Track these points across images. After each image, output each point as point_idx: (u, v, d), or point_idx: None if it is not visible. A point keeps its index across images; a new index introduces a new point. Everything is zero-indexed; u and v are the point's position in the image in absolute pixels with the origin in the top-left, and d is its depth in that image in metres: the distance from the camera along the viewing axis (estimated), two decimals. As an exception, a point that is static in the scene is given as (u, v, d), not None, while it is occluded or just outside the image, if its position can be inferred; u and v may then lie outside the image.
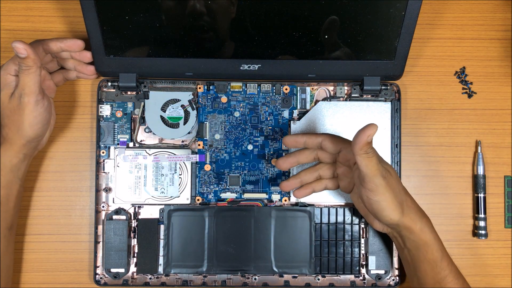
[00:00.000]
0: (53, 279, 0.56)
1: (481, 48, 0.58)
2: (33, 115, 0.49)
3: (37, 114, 0.49)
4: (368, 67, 0.53)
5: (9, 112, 0.49)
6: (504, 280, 0.57)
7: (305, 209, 0.54)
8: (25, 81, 0.47)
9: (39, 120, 0.49)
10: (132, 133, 0.55)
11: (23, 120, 0.48)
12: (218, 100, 0.55)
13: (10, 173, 0.50)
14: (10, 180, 0.50)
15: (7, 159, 0.49)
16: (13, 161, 0.50)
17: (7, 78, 0.49)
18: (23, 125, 0.49)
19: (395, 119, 0.56)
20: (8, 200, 0.50)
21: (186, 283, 0.54)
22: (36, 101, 0.48)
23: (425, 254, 0.48)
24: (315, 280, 0.55)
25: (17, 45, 0.46)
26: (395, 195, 0.46)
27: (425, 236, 0.48)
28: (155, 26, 0.49)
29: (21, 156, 0.50)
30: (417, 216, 0.48)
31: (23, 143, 0.49)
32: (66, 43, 0.50)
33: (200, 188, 0.55)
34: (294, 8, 0.48)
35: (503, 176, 0.57)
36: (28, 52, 0.46)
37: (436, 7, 0.58)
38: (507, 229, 0.57)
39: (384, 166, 0.46)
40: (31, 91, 0.48)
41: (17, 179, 0.51)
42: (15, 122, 0.49)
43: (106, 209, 0.55)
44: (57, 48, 0.50)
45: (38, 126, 0.49)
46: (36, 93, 0.48)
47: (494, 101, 0.58)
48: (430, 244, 0.48)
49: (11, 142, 0.49)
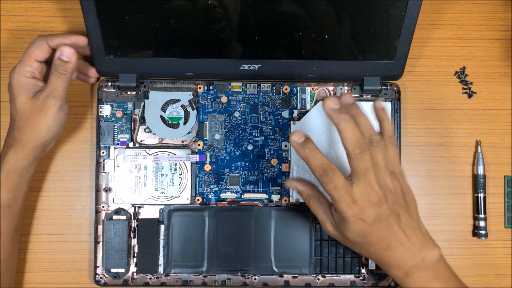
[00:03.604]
0: (53, 279, 0.56)
1: (481, 48, 0.58)
2: (54, 119, 0.49)
3: (58, 118, 0.49)
4: (368, 67, 0.53)
5: (28, 114, 0.49)
6: (504, 280, 0.57)
7: (305, 209, 0.54)
8: (57, 84, 0.48)
9: (58, 123, 0.50)
10: (132, 133, 0.55)
11: (43, 123, 0.49)
12: (218, 100, 0.55)
13: (20, 176, 0.50)
14: (19, 182, 0.50)
15: (18, 162, 0.49)
16: (23, 164, 0.50)
17: (25, 80, 0.49)
18: (42, 127, 0.49)
19: (395, 119, 0.56)
20: (16, 202, 0.50)
21: (186, 283, 0.54)
22: (61, 105, 0.49)
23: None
24: (315, 280, 0.55)
25: (66, 49, 0.47)
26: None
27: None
28: (155, 26, 0.49)
29: (31, 158, 0.50)
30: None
31: (36, 145, 0.49)
32: (70, 39, 0.51)
33: (200, 188, 0.55)
34: (294, 8, 0.48)
35: (503, 176, 0.57)
36: (73, 59, 0.48)
37: (436, 7, 0.58)
38: (507, 229, 0.57)
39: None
40: (59, 95, 0.49)
41: (26, 181, 0.51)
42: (33, 125, 0.49)
43: (106, 209, 0.55)
44: (62, 43, 0.50)
45: (55, 129, 0.50)
46: (63, 98, 0.49)
47: (494, 101, 0.58)
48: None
49: (24, 144, 0.49)
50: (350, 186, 0.43)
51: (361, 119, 0.44)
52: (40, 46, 0.49)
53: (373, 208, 0.43)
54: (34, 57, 0.49)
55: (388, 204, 0.43)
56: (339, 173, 0.43)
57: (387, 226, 0.43)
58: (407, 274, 0.44)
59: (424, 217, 0.45)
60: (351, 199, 0.43)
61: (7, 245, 0.50)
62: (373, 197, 0.43)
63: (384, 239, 0.43)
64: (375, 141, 0.44)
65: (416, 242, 0.44)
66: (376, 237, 0.43)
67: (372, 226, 0.43)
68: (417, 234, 0.44)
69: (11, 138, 0.50)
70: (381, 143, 0.44)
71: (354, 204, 0.43)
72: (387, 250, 0.44)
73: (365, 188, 0.43)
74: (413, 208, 0.45)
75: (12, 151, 0.49)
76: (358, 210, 0.43)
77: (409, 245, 0.44)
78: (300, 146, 0.44)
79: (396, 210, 0.44)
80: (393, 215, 0.43)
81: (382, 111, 0.47)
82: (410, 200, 0.45)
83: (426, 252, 0.44)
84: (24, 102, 0.49)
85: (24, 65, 0.49)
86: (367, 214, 0.43)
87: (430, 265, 0.44)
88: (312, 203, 0.47)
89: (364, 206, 0.43)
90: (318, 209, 0.47)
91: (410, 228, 0.44)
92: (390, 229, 0.43)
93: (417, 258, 0.44)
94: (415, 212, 0.46)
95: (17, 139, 0.49)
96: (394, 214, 0.43)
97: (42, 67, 0.50)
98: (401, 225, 0.44)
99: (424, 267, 0.44)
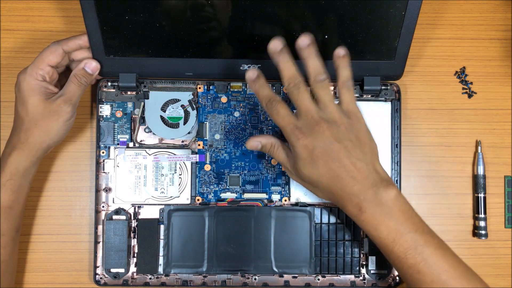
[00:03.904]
0: (53, 279, 0.56)
1: (481, 48, 0.58)
2: (65, 123, 0.50)
3: (68, 123, 0.51)
4: (368, 67, 0.53)
5: (40, 117, 0.49)
6: (504, 280, 0.57)
7: (305, 209, 0.54)
8: (75, 91, 0.50)
9: (66, 128, 0.51)
10: (132, 133, 0.55)
11: (54, 126, 0.49)
12: (218, 100, 0.55)
13: (22, 177, 0.50)
14: (21, 184, 0.50)
15: (21, 164, 0.50)
16: (26, 165, 0.50)
17: (37, 83, 0.49)
18: (52, 130, 0.50)
19: (395, 119, 0.56)
20: (18, 204, 0.50)
21: (186, 283, 0.54)
22: (73, 112, 0.51)
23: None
24: (315, 280, 0.55)
25: (93, 63, 0.51)
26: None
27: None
28: (155, 26, 0.49)
29: (34, 160, 0.50)
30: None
31: (43, 147, 0.50)
32: (83, 39, 0.51)
33: (200, 188, 0.55)
34: (294, 8, 0.48)
35: (503, 176, 0.57)
36: (97, 73, 0.51)
37: (436, 7, 0.58)
38: (507, 229, 0.57)
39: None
40: (75, 102, 0.51)
41: (27, 182, 0.51)
42: (42, 127, 0.49)
43: (106, 209, 0.55)
44: (76, 45, 0.51)
45: (63, 133, 0.51)
46: (76, 105, 0.51)
47: (494, 101, 0.58)
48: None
49: (30, 147, 0.49)
50: (295, 116, 0.46)
51: (310, 61, 0.46)
52: (55, 51, 0.50)
53: (315, 135, 0.44)
54: (47, 61, 0.50)
55: (331, 133, 0.44)
56: (284, 104, 0.46)
57: (334, 157, 0.44)
58: (360, 210, 0.44)
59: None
60: (294, 125, 0.45)
61: (8, 246, 0.50)
62: (313, 124, 0.44)
63: (333, 170, 0.44)
64: (319, 80, 0.45)
65: (368, 176, 0.44)
66: (324, 167, 0.44)
67: (318, 153, 0.44)
68: (369, 169, 0.45)
69: (15, 139, 0.50)
70: (325, 82, 0.46)
71: (297, 129, 0.45)
72: (336, 180, 0.44)
73: (306, 117, 0.45)
74: (368, 148, 0.46)
75: (16, 153, 0.49)
76: (301, 135, 0.44)
77: (360, 178, 0.44)
78: (253, 82, 0.47)
79: (342, 142, 0.44)
80: (339, 145, 0.44)
81: (340, 58, 0.47)
82: (364, 140, 0.46)
83: (379, 188, 0.44)
84: (37, 105, 0.49)
85: (37, 68, 0.49)
86: (310, 140, 0.44)
87: (384, 201, 0.44)
88: (275, 151, 0.49)
89: (307, 132, 0.44)
90: (281, 154, 0.48)
91: (361, 162, 0.44)
92: (338, 160, 0.44)
93: (369, 193, 0.44)
94: (370, 153, 0.46)
95: (22, 141, 0.49)
96: (341, 145, 0.44)
97: (53, 71, 0.51)
98: (351, 158, 0.44)
99: (377, 202, 0.44)
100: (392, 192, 0.44)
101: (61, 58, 0.50)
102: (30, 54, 0.57)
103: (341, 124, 0.45)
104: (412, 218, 0.45)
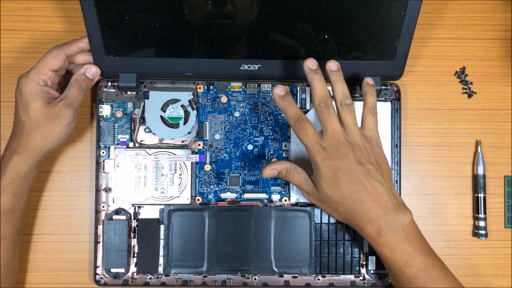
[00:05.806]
0: (53, 279, 0.56)
1: (481, 48, 0.58)
2: (66, 127, 0.50)
3: (69, 127, 0.51)
4: (368, 67, 0.53)
5: (42, 121, 0.49)
6: (504, 280, 0.57)
7: (305, 209, 0.55)
8: (76, 96, 0.50)
9: (67, 132, 0.51)
10: (132, 133, 0.55)
11: (55, 130, 0.50)
12: (218, 100, 0.55)
13: (23, 181, 0.50)
14: (21, 188, 0.50)
15: (21, 168, 0.50)
16: (26, 169, 0.50)
17: (39, 88, 0.49)
18: (53, 134, 0.50)
19: (395, 119, 0.56)
20: (19, 207, 0.51)
21: (186, 283, 0.54)
22: (74, 116, 0.51)
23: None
24: (315, 280, 0.55)
25: (94, 69, 0.51)
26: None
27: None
28: (155, 26, 0.50)
29: (34, 163, 0.50)
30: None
31: (43, 151, 0.50)
32: (85, 41, 0.51)
33: (200, 188, 0.55)
34: (294, 8, 0.48)
35: (503, 176, 0.57)
36: (97, 78, 0.52)
37: (436, 7, 0.58)
38: (507, 229, 0.57)
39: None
40: (76, 106, 0.51)
41: (28, 185, 0.51)
42: (44, 131, 0.49)
43: (106, 209, 0.55)
44: (78, 49, 0.51)
45: (64, 137, 0.51)
46: (77, 109, 0.51)
47: (494, 101, 0.58)
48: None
49: (31, 151, 0.49)
50: (320, 136, 0.47)
51: (338, 85, 0.48)
52: (57, 56, 0.50)
53: (340, 157, 0.46)
54: (50, 66, 0.50)
55: (355, 156, 0.46)
56: (310, 123, 0.47)
57: (357, 180, 0.46)
58: (379, 233, 0.46)
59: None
60: (320, 145, 0.46)
61: (10, 249, 0.50)
62: (339, 146, 0.46)
63: (355, 192, 0.46)
64: (345, 103, 0.47)
65: (387, 201, 0.46)
66: (347, 188, 0.46)
67: (342, 174, 0.46)
68: (389, 194, 0.47)
69: (15, 143, 0.50)
70: (351, 107, 0.47)
71: (323, 150, 0.46)
72: (358, 203, 0.46)
73: (332, 138, 0.46)
74: (386, 173, 0.48)
75: (17, 157, 0.49)
76: (326, 155, 0.46)
77: (380, 202, 0.46)
78: (281, 98, 0.47)
79: (365, 165, 0.46)
80: (362, 168, 0.46)
81: (368, 86, 0.50)
82: (383, 165, 0.48)
83: (398, 213, 0.46)
84: (39, 109, 0.49)
85: (39, 73, 0.49)
86: (335, 161, 0.46)
87: (401, 226, 0.46)
88: (291, 174, 0.49)
89: (332, 153, 0.46)
90: (297, 177, 0.49)
91: (381, 187, 0.46)
92: (361, 183, 0.46)
93: (389, 217, 0.46)
94: (388, 178, 0.48)
95: (23, 145, 0.49)
96: (363, 168, 0.46)
97: (55, 75, 0.51)
98: (371, 182, 0.46)
99: (396, 227, 0.46)
100: (408, 217, 0.47)
101: (63, 63, 0.50)
102: (30, 54, 0.57)
103: (364, 149, 0.47)
104: (422, 241, 0.47)
